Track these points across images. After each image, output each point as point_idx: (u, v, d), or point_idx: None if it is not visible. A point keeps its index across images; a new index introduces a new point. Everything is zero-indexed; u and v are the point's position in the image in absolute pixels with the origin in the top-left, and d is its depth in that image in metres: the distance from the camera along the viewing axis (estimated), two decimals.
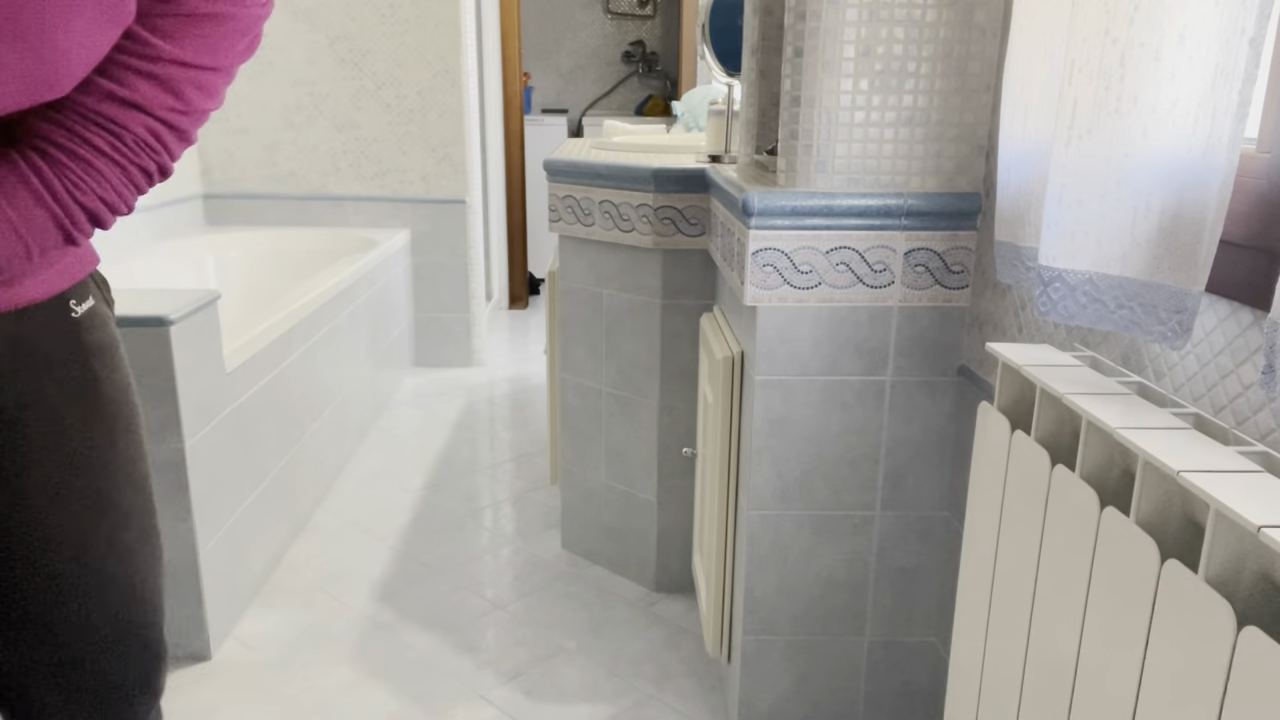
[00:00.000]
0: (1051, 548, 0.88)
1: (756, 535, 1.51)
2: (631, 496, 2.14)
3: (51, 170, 0.77)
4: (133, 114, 0.78)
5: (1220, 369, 0.86)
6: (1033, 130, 1.07)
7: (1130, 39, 0.84)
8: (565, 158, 2.09)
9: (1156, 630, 0.70)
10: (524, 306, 4.97)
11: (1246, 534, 0.65)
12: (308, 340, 2.47)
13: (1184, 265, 0.82)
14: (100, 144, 0.78)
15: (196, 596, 1.83)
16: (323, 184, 3.63)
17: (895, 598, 1.54)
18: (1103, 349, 1.06)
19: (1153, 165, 0.85)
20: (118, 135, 0.78)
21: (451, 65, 3.53)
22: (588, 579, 2.22)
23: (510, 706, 1.74)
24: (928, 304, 1.41)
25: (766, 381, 1.44)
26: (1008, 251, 1.14)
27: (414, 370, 3.84)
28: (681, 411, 2.03)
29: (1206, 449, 0.74)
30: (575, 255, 2.12)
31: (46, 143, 0.77)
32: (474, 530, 2.46)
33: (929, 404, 1.46)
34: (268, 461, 2.18)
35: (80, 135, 0.77)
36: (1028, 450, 0.93)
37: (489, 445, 3.06)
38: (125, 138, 0.79)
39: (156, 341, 1.67)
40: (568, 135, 5.35)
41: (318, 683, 1.81)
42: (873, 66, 1.34)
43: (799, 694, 1.58)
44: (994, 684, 1.02)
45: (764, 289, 1.40)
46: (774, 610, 1.54)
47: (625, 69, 5.74)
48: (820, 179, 1.38)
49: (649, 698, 1.78)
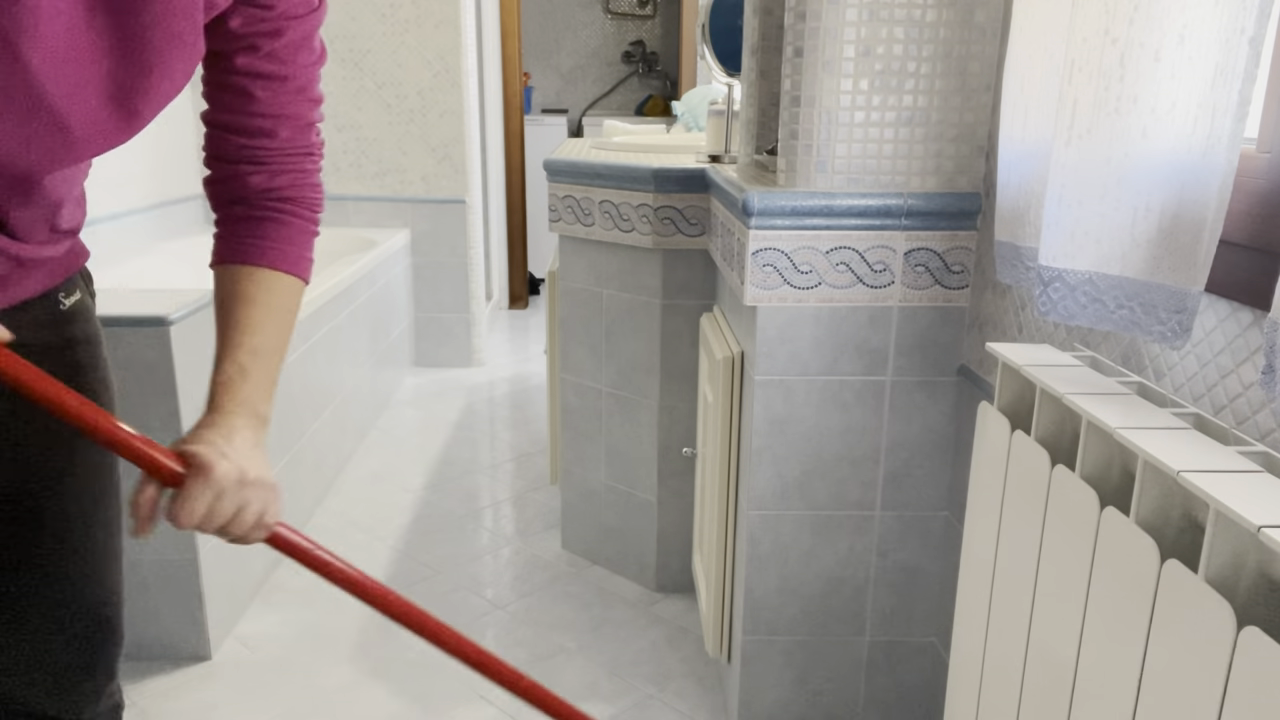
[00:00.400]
0: (1051, 548, 0.88)
1: (756, 535, 1.51)
2: (631, 496, 2.14)
3: (304, 209, 0.93)
4: (312, 132, 0.93)
5: (1220, 369, 0.86)
6: (1033, 130, 1.06)
7: (1130, 39, 0.84)
8: (565, 158, 2.09)
9: (1156, 630, 0.70)
10: (524, 306, 4.97)
11: (1246, 534, 0.65)
12: (308, 340, 2.47)
13: (1184, 265, 0.82)
14: (309, 166, 0.93)
15: (196, 596, 1.83)
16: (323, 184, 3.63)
17: (895, 598, 1.54)
18: (1103, 349, 1.06)
19: (1152, 165, 0.85)
20: (311, 154, 0.93)
21: (451, 65, 3.53)
22: (588, 579, 2.22)
23: (510, 706, 1.74)
24: (928, 304, 1.41)
25: (766, 381, 1.44)
26: (1008, 251, 1.14)
27: (414, 370, 3.84)
28: (681, 411, 2.03)
29: (1206, 449, 0.74)
30: (575, 255, 2.12)
31: (285, 189, 0.91)
32: (474, 530, 2.46)
33: (929, 404, 1.46)
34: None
35: (304, 169, 0.92)
36: (1028, 450, 0.93)
37: (489, 445, 3.06)
38: (315, 149, 0.94)
39: (156, 341, 1.67)
40: (568, 135, 5.35)
41: (318, 683, 1.81)
42: (873, 66, 1.34)
43: (799, 694, 1.58)
44: (994, 684, 1.02)
45: (764, 289, 1.40)
46: (774, 610, 1.54)
47: (625, 69, 5.74)
48: (820, 179, 1.38)
49: (649, 698, 1.78)
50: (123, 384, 1.68)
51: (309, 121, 0.91)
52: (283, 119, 0.88)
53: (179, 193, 3.45)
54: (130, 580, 1.81)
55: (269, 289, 0.89)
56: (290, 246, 0.91)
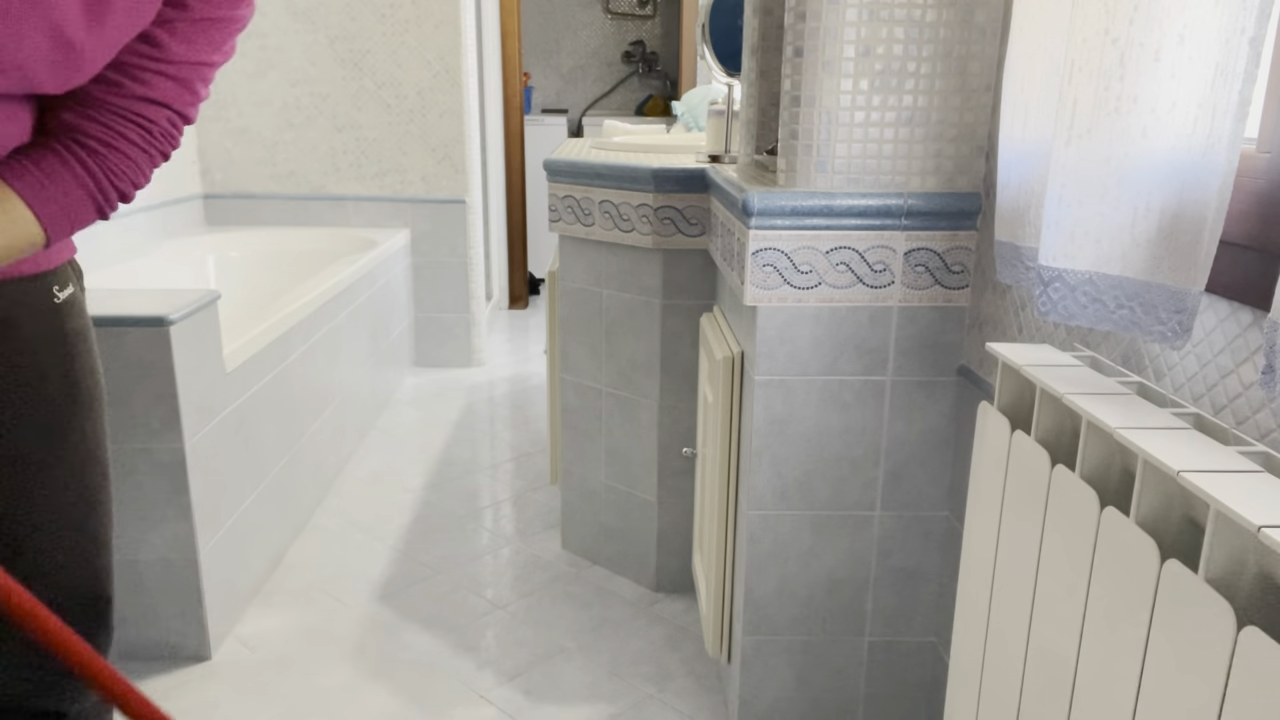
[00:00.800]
0: (1051, 548, 0.88)
1: (756, 535, 1.51)
2: (631, 496, 2.14)
3: (92, 159, 0.89)
4: (158, 109, 0.92)
5: (1220, 369, 0.86)
6: (1033, 130, 1.06)
7: (1130, 39, 0.84)
8: (565, 158, 2.09)
9: (1156, 630, 0.70)
10: (524, 306, 4.97)
11: (1246, 534, 0.65)
12: (308, 340, 2.47)
13: (1184, 265, 0.82)
14: (133, 137, 0.91)
15: (196, 596, 1.83)
16: (323, 184, 3.63)
17: (895, 598, 1.54)
18: (1103, 349, 1.06)
19: (1152, 165, 0.85)
20: (146, 129, 0.92)
21: (451, 65, 3.53)
22: (588, 579, 2.22)
23: (510, 706, 1.74)
24: (928, 304, 1.41)
25: (766, 381, 1.44)
26: (1008, 251, 1.14)
27: (414, 370, 3.84)
28: (681, 411, 2.03)
29: (1206, 449, 0.74)
30: (575, 255, 2.12)
31: (85, 136, 0.89)
32: (474, 530, 2.46)
33: (929, 404, 1.46)
34: (268, 461, 2.18)
35: (116, 130, 0.90)
36: (1028, 450, 0.93)
37: (489, 445, 3.06)
38: (153, 130, 0.92)
39: (156, 341, 1.67)
40: (568, 135, 5.35)
41: (318, 683, 1.81)
42: (873, 66, 1.34)
43: (799, 694, 1.58)
44: (994, 684, 1.02)
45: (764, 289, 1.40)
46: (774, 610, 1.54)
47: (625, 69, 5.74)
48: (820, 179, 1.38)
49: (649, 698, 1.78)
50: (123, 384, 1.69)
51: (152, 96, 0.91)
52: (127, 79, 0.89)
53: (179, 193, 3.45)
54: (130, 580, 1.81)
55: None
56: (44, 176, 0.86)
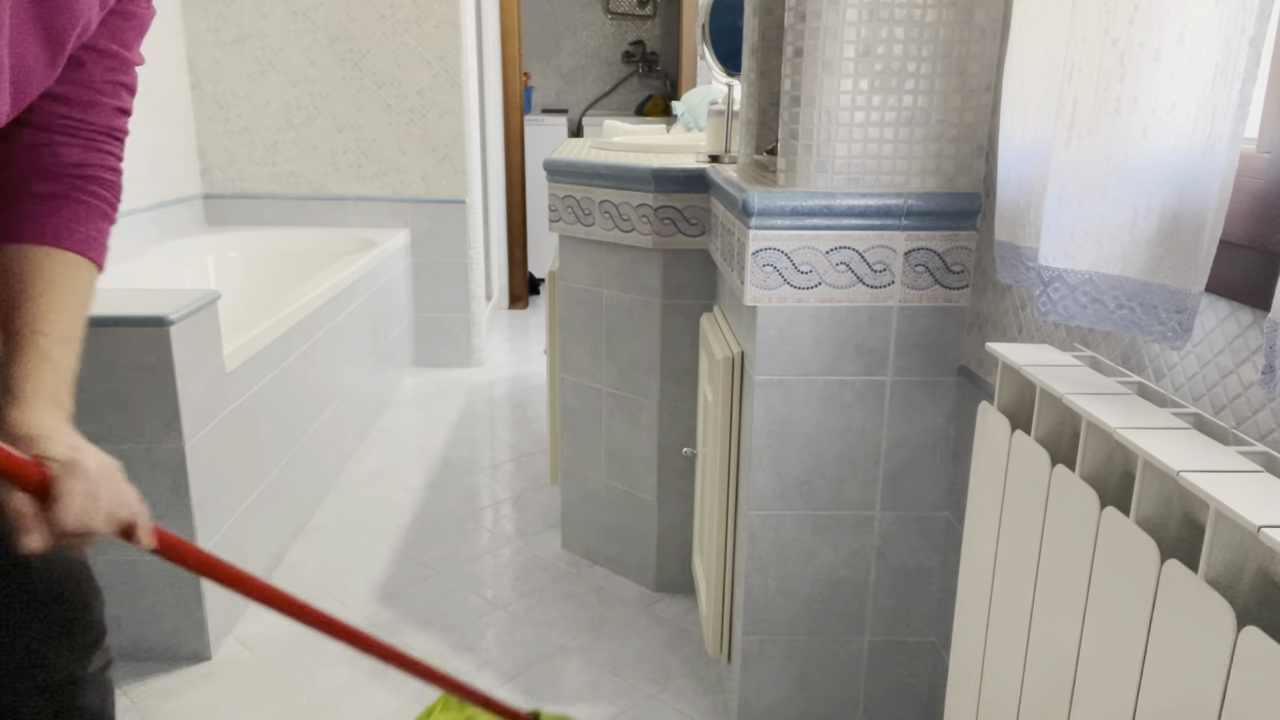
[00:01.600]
0: (1051, 548, 0.88)
1: (756, 535, 1.51)
2: (631, 496, 2.14)
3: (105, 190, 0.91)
4: (125, 118, 0.93)
5: (1220, 369, 0.86)
6: (1033, 130, 1.06)
7: (1130, 39, 0.84)
8: (565, 158, 2.09)
9: (1156, 630, 0.70)
10: (524, 306, 4.97)
11: (1246, 534, 0.65)
12: (308, 340, 2.47)
13: (1184, 265, 0.82)
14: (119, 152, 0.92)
15: (196, 596, 1.83)
16: (323, 184, 3.63)
17: (895, 598, 1.54)
18: (1103, 349, 1.06)
19: (1152, 165, 0.85)
20: (121, 139, 0.93)
21: (451, 65, 3.53)
22: (588, 579, 2.22)
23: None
24: (928, 304, 1.41)
25: (766, 381, 1.44)
26: (1008, 251, 1.14)
27: (414, 370, 3.84)
28: (681, 411, 2.03)
29: (1206, 449, 0.74)
30: (575, 255, 2.12)
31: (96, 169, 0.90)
32: (474, 530, 2.46)
33: (929, 404, 1.46)
34: (268, 461, 2.18)
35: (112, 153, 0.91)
36: (1028, 450, 0.93)
37: (489, 445, 3.06)
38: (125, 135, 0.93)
39: (156, 341, 1.67)
40: (568, 135, 5.35)
41: (318, 683, 1.81)
42: (873, 66, 1.34)
43: (799, 694, 1.58)
44: (994, 684, 1.02)
45: (764, 289, 1.40)
46: (774, 610, 1.54)
47: (625, 69, 5.74)
48: (820, 179, 1.38)
49: (649, 698, 1.78)
50: (123, 384, 1.69)
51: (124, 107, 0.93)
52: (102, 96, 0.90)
53: (179, 193, 3.45)
54: (130, 580, 1.81)
55: (75, 275, 0.86)
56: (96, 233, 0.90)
